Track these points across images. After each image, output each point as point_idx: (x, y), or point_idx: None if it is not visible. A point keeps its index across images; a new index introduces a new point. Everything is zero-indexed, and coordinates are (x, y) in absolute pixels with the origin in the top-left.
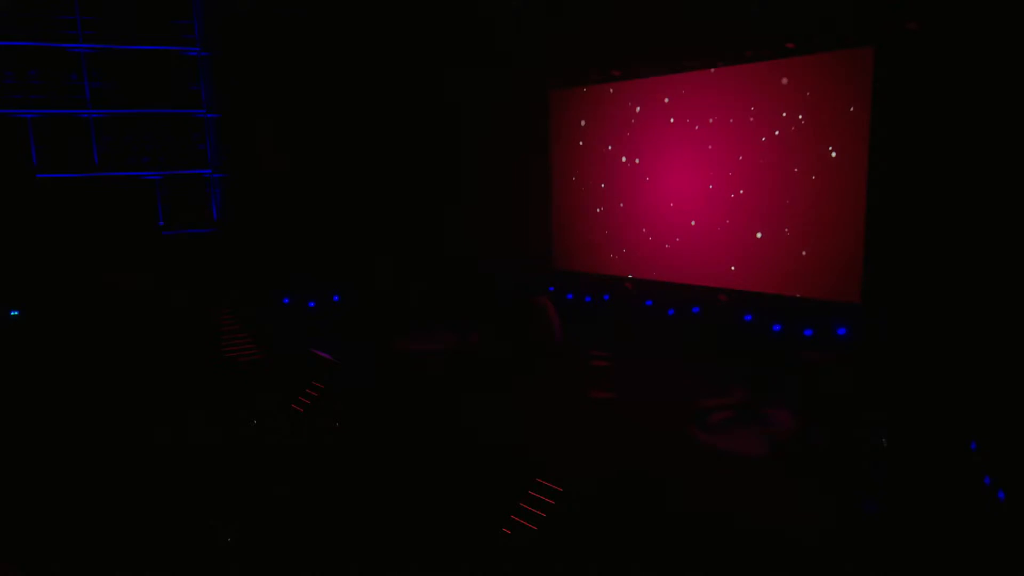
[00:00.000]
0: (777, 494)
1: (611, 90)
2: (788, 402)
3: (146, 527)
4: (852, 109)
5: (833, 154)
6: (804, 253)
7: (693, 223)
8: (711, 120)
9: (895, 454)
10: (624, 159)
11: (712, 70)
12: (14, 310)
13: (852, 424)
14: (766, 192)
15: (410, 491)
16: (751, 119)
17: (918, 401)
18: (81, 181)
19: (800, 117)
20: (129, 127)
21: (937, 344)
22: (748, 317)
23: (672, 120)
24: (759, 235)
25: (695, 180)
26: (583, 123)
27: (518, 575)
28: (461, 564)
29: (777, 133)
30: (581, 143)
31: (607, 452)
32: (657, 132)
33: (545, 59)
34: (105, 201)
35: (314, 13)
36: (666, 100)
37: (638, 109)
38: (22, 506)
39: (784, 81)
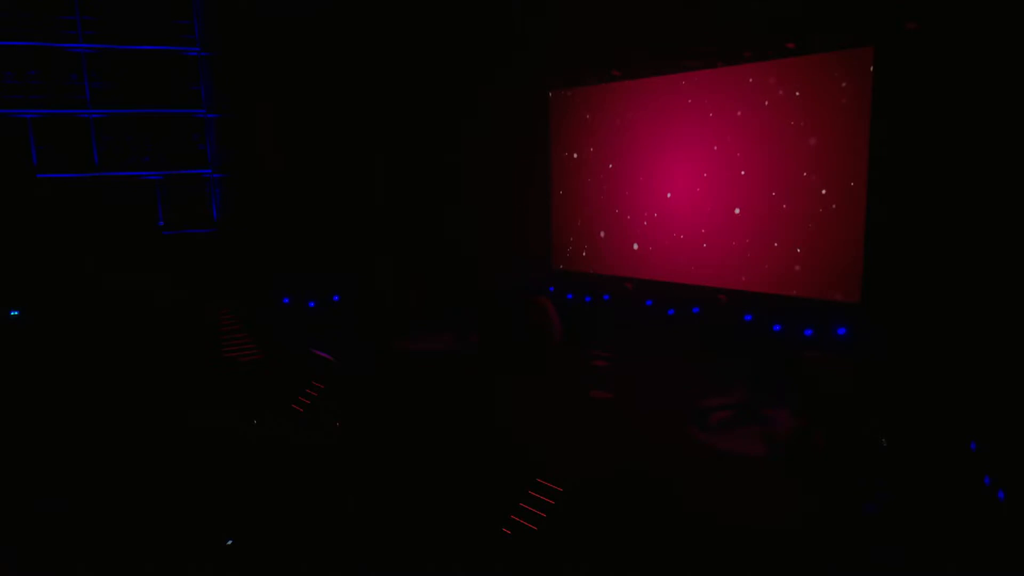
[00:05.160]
0: (777, 494)
1: (611, 90)
2: (788, 402)
3: (146, 527)
4: (852, 109)
5: (833, 154)
6: (804, 253)
7: (693, 223)
8: (711, 120)
9: (895, 454)
10: (624, 159)
11: (712, 70)
12: (14, 310)
13: (852, 424)
14: (766, 192)
15: (409, 491)
16: (751, 119)
17: (918, 401)
18: (81, 181)
19: (800, 117)
20: (129, 127)
21: (937, 344)
22: (748, 317)
23: (672, 120)
24: (759, 235)
25: (695, 180)
26: (583, 123)
27: (518, 575)
28: (460, 564)
29: (777, 133)
30: (581, 143)
31: (607, 452)
32: (657, 132)
33: (545, 59)
34: (105, 201)
35: (314, 13)
36: (666, 100)
37: (638, 109)
38: (21, 506)
39: (784, 81)
